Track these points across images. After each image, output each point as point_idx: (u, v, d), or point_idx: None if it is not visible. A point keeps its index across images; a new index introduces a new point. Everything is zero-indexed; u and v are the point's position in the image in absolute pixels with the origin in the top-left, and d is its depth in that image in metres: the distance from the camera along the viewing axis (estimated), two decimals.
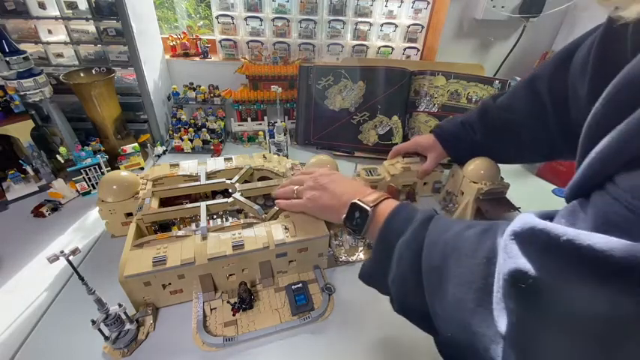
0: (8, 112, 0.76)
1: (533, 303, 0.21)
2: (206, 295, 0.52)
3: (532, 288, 0.20)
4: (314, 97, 0.95)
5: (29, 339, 0.49)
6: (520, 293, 0.22)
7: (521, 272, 0.21)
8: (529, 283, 0.21)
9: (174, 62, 1.06)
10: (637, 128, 0.19)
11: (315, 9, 1.00)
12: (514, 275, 0.22)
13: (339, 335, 0.50)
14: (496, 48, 1.10)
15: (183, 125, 0.97)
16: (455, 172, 0.73)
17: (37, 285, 0.56)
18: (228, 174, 0.69)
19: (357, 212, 0.45)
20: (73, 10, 0.80)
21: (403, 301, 0.38)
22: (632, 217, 0.18)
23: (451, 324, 0.30)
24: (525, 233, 0.22)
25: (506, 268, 0.23)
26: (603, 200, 0.20)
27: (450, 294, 0.29)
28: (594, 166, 0.21)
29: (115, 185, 0.62)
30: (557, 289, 0.20)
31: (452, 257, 0.30)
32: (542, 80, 0.57)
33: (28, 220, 0.70)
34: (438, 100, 0.92)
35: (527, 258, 0.21)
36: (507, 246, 0.23)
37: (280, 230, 0.55)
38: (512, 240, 0.23)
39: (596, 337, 0.18)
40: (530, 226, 0.22)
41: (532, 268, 0.21)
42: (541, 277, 0.20)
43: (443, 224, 0.35)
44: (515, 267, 0.22)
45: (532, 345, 0.21)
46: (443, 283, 0.30)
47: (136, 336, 0.48)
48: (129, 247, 0.51)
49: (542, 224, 0.21)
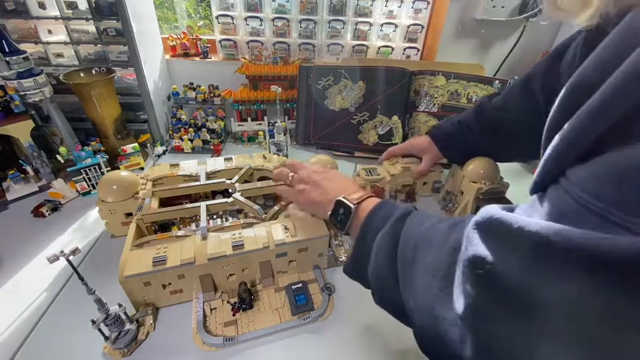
0: (8, 112, 0.76)
1: (488, 287, 0.22)
2: (206, 295, 0.52)
3: (489, 273, 0.22)
4: (314, 97, 0.95)
5: (29, 339, 0.49)
6: (477, 278, 0.23)
7: (479, 258, 0.23)
8: (486, 269, 0.22)
9: (174, 62, 1.06)
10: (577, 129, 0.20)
11: (315, 9, 1.00)
12: (473, 261, 0.23)
13: (339, 335, 0.50)
14: (496, 48, 1.10)
15: (183, 125, 0.97)
16: (455, 172, 0.73)
17: (37, 285, 0.56)
18: (228, 174, 0.69)
19: (342, 209, 0.47)
20: (73, 10, 0.80)
21: (381, 293, 0.39)
22: (580, 208, 0.19)
23: (419, 311, 0.31)
24: (485, 222, 0.24)
25: (466, 255, 0.24)
26: (556, 193, 0.22)
27: (419, 282, 0.31)
28: (549, 163, 0.22)
29: (115, 185, 0.62)
30: (509, 274, 0.21)
31: (422, 248, 0.32)
32: (536, 79, 0.58)
33: (28, 220, 0.70)
34: (438, 100, 0.92)
35: (485, 245, 0.23)
36: (469, 235, 0.25)
37: (280, 230, 0.55)
38: (474, 229, 0.25)
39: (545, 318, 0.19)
40: (489, 216, 0.24)
41: (489, 255, 0.22)
42: (496, 262, 0.22)
43: (419, 219, 0.37)
44: (475, 254, 0.23)
45: (486, 325, 0.23)
46: (414, 273, 0.32)
47: (135, 336, 0.48)
48: (129, 247, 0.51)
49: (499, 214, 0.23)
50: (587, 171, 0.20)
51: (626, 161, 0.18)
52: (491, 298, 0.22)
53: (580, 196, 0.19)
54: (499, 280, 0.21)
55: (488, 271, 0.22)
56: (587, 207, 0.19)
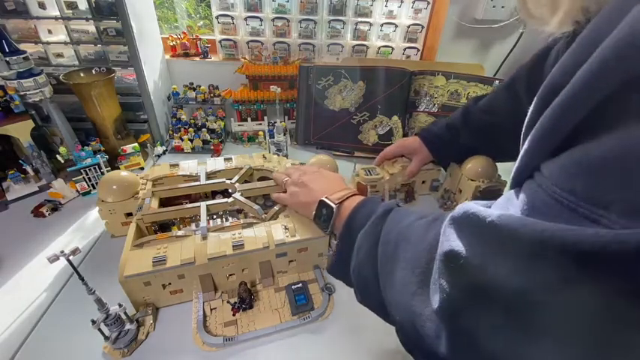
0: (8, 112, 0.76)
1: (462, 281, 0.23)
2: (206, 295, 0.52)
3: (462, 267, 0.22)
4: (314, 97, 0.95)
5: (29, 339, 0.49)
6: (452, 272, 0.23)
7: (454, 252, 0.23)
8: (460, 263, 0.22)
9: (174, 62, 1.06)
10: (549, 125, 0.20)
11: (315, 9, 1.00)
12: (448, 255, 0.24)
13: (339, 335, 0.50)
14: (496, 48, 1.10)
15: (183, 125, 0.97)
16: (453, 170, 0.74)
17: (37, 285, 0.56)
18: (228, 174, 0.69)
19: (324, 209, 0.48)
20: (73, 10, 0.80)
21: (363, 291, 0.39)
22: (552, 201, 0.20)
23: (398, 308, 0.31)
24: (460, 217, 0.24)
25: (442, 249, 0.25)
26: (530, 188, 0.22)
27: (398, 278, 0.31)
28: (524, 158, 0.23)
29: (115, 185, 0.62)
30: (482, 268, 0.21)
31: (402, 246, 0.32)
32: (520, 81, 0.59)
33: (28, 220, 0.70)
34: (438, 100, 0.92)
35: (460, 240, 0.23)
36: (446, 230, 0.25)
37: (280, 230, 0.55)
38: (450, 224, 0.25)
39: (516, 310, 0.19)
40: (464, 211, 0.24)
41: (463, 249, 0.22)
42: (470, 256, 0.22)
43: (400, 216, 0.37)
44: (450, 248, 0.24)
45: (460, 320, 0.23)
46: (393, 270, 0.32)
47: (135, 336, 0.48)
48: (129, 247, 0.51)
49: (474, 209, 0.23)
50: (559, 164, 0.20)
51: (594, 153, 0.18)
52: (465, 292, 0.23)
53: (552, 189, 0.20)
54: (473, 274, 0.22)
55: (462, 265, 0.22)
56: (558, 200, 0.19)
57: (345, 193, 0.48)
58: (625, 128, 0.17)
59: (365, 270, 0.37)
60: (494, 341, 0.21)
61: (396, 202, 0.42)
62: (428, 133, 0.72)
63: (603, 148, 0.18)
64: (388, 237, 0.35)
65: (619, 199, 0.17)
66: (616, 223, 0.16)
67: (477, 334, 0.22)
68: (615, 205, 0.17)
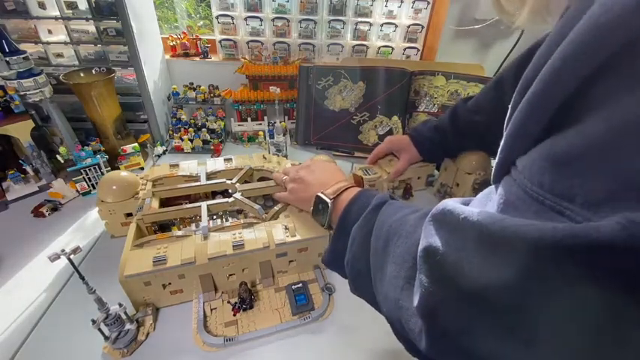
0: (8, 112, 0.76)
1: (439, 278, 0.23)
2: (206, 295, 0.52)
3: (439, 263, 0.23)
4: (314, 97, 0.95)
5: (29, 339, 0.49)
6: (430, 268, 0.24)
7: (431, 249, 0.23)
8: (436, 259, 0.23)
9: (174, 62, 1.06)
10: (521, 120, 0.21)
11: (315, 9, 1.00)
12: (426, 251, 0.24)
13: (340, 335, 0.50)
14: (496, 48, 1.10)
15: (183, 125, 0.97)
16: (447, 165, 0.76)
17: (37, 285, 0.56)
18: (228, 174, 0.69)
19: (321, 204, 0.49)
20: (73, 10, 0.80)
21: (356, 282, 0.40)
22: (523, 195, 0.20)
23: (387, 302, 0.31)
24: (439, 215, 0.25)
25: (421, 245, 0.25)
26: (506, 182, 0.22)
27: (388, 273, 0.31)
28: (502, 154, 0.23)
29: (115, 185, 0.62)
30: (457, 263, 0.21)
31: (393, 239, 0.33)
32: (507, 81, 0.59)
33: (28, 220, 0.70)
34: (438, 100, 0.92)
35: (437, 237, 0.24)
36: (426, 227, 0.26)
37: (280, 230, 0.55)
38: (430, 221, 0.25)
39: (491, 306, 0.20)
40: (442, 208, 0.24)
41: (440, 245, 0.23)
42: (445, 252, 0.22)
43: (393, 209, 0.38)
44: (428, 244, 0.24)
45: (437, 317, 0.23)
46: (384, 264, 0.33)
47: (136, 336, 0.48)
48: (129, 247, 0.51)
49: (451, 206, 0.23)
50: (530, 159, 0.20)
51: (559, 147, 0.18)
52: (441, 289, 0.23)
53: (524, 183, 0.20)
54: (448, 270, 0.22)
55: (439, 261, 0.23)
56: (529, 194, 0.20)
57: (340, 187, 0.49)
58: (583, 124, 0.17)
59: (358, 263, 0.38)
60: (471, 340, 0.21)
61: (389, 195, 0.42)
62: (417, 134, 0.73)
63: (567, 142, 0.18)
64: (380, 231, 0.36)
65: (581, 192, 0.17)
66: (579, 215, 0.17)
67: (454, 332, 0.22)
68: (578, 197, 0.17)
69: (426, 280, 0.23)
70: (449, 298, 0.22)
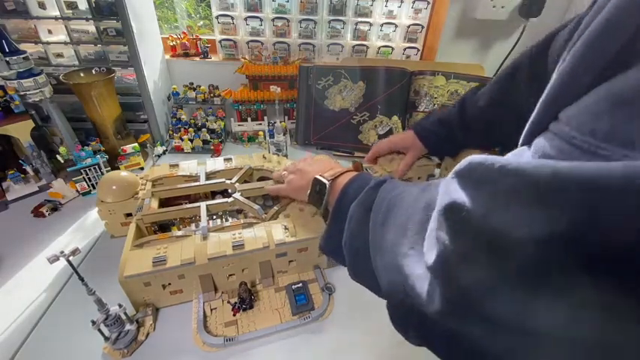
0: (8, 112, 0.76)
1: (465, 232, 0.21)
2: (206, 295, 0.52)
3: (464, 219, 0.21)
4: (314, 97, 0.95)
5: (29, 339, 0.49)
6: (453, 225, 0.22)
7: (456, 204, 0.21)
8: (462, 215, 0.21)
9: (174, 62, 1.06)
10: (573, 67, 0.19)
11: (315, 9, 1.00)
12: (449, 208, 0.22)
13: (340, 335, 0.50)
14: (496, 48, 1.10)
15: (183, 125, 0.97)
16: (448, 164, 0.76)
17: (37, 285, 0.56)
18: (227, 174, 0.69)
19: (318, 186, 0.48)
20: (73, 10, 0.80)
21: (355, 264, 0.39)
22: (569, 147, 0.18)
23: (387, 271, 0.30)
24: (464, 169, 0.23)
25: (442, 203, 0.23)
26: (545, 137, 0.21)
27: (388, 241, 0.30)
28: (540, 111, 0.22)
29: (115, 185, 0.62)
30: (486, 216, 0.19)
31: (393, 210, 0.32)
32: (522, 71, 0.57)
33: (28, 220, 0.70)
34: (438, 100, 0.92)
35: (464, 191, 0.21)
36: (447, 184, 0.24)
37: (280, 230, 0.55)
38: (453, 178, 0.23)
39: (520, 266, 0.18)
40: (468, 162, 0.22)
41: (467, 200, 0.21)
42: (473, 206, 0.20)
43: (392, 185, 0.37)
44: (451, 200, 0.22)
45: (459, 273, 0.21)
46: (384, 234, 0.31)
47: (136, 336, 0.48)
48: (129, 247, 0.51)
49: (479, 158, 0.21)
50: (580, 106, 0.19)
51: (624, 85, 0.17)
52: (466, 245, 0.21)
53: (570, 135, 0.18)
54: (476, 225, 0.20)
55: (464, 217, 0.20)
56: (576, 145, 0.18)
57: (338, 170, 0.48)
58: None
59: (356, 240, 0.37)
60: (494, 301, 0.19)
61: (389, 176, 0.41)
62: (421, 129, 0.71)
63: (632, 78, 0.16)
64: (380, 205, 0.35)
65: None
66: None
67: (474, 292, 0.20)
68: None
69: (447, 238, 0.22)
70: (475, 254, 0.20)
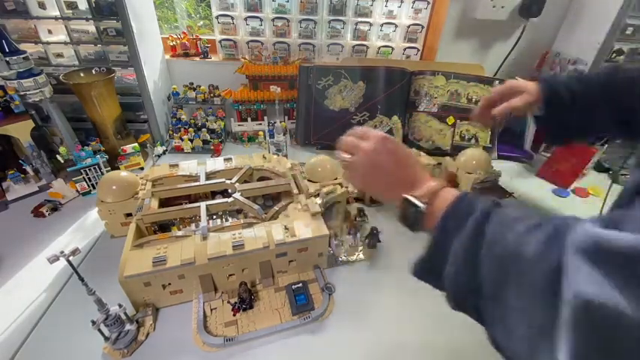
0: (8, 112, 0.76)
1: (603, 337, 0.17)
2: (206, 295, 0.52)
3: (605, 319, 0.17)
4: (314, 97, 0.95)
5: (29, 339, 0.49)
6: (585, 324, 0.18)
7: (589, 298, 0.18)
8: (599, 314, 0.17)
9: (174, 62, 1.06)
10: None
11: (315, 9, 1.00)
12: (579, 301, 0.18)
13: (339, 335, 0.50)
14: (496, 48, 1.10)
15: (183, 125, 0.97)
16: (448, 165, 0.77)
17: (37, 285, 0.56)
18: (227, 174, 0.69)
19: (411, 210, 0.41)
20: (73, 10, 0.80)
21: (458, 297, 0.35)
22: None
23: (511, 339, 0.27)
24: (591, 248, 0.19)
25: (570, 292, 0.19)
26: None
27: (512, 322, 0.27)
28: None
29: (115, 185, 0.62)
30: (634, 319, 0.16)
31: (512, 273, 0.27)
32: None
33: (28, 220, 0.70)
34: (438, 100, 0.92)
35: (594, 280, 0.18)
36: (571, 263, 0.20)
37: (280, 230, 0.55)
38: (577, 255, 0.20)
39: None
40: (592, 238, 0.19)
41: (602, 293, 0.17)
42: (615, 304, 0.17)
43: (501, 222, 0.32)
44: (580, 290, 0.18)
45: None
46: (503, 290, 0.28)
47: (136, 336, 0.48)
48: (129, 248, 0.51)
49: (605, 235, 0.18)
50: None
51: None
52: (606, 352, 0.17)
53: None
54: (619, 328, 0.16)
55: (604, 317, 0.17)
56: None
57: (432, 188, 0.40)
58: None
59: (461, 276, 0.33)
60: None
61: (493, 201, 0.35)
62: (550, 77, 0.61)
63: None
64: (491, 254, 0.30)
65: None
66: None
67: None
68: None
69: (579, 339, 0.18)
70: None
